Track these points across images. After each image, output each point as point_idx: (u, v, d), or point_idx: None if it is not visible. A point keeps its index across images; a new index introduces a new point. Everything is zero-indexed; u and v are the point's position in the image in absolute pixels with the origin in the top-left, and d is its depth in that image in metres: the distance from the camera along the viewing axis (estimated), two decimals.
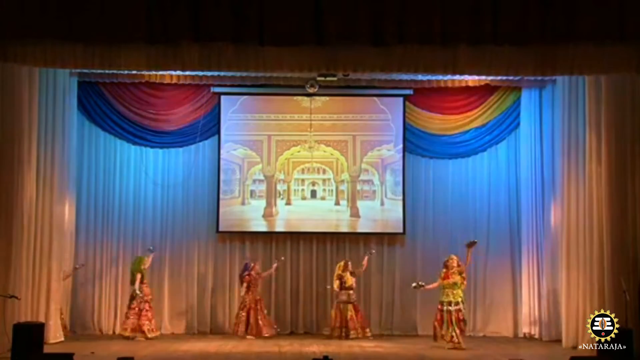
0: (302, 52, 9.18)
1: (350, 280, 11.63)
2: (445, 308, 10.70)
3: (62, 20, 8.73)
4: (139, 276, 11.50)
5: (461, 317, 10.69)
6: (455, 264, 10.77)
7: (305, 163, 12.69)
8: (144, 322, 11.40)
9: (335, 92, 12.40)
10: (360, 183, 12.68)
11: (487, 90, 12.46)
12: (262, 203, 12.64)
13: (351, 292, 11.64)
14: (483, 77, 11.51)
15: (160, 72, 11.55)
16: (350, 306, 11.58)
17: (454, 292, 10.72)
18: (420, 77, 11.57)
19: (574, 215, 11.00)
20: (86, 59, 9.27)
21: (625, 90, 10.07)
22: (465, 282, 10.92)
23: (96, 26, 8.76)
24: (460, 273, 10.78)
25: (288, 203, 12.66)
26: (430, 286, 11.04)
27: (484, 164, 12.67)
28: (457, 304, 10.69)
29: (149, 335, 11.36)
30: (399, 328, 12.30)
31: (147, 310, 11.49)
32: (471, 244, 11.05)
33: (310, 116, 12.56)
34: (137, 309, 11.43)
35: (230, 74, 11.22)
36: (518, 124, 12.50)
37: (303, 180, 12.72)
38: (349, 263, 11.79)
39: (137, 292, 11.40)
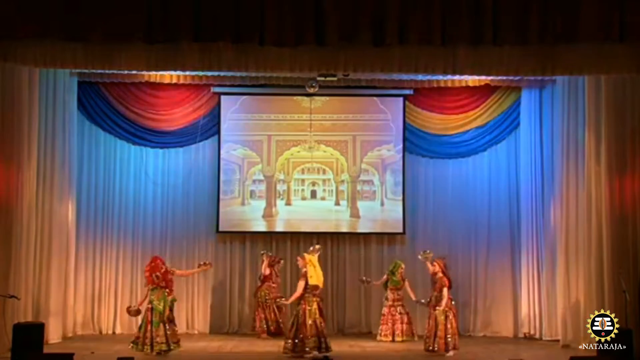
0: (302, 52, 9.18)
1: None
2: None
3: (62, 20, 8.71)
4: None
5: None
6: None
7: (305, 163, 12.69)
8: (398, 327, 11.32)
9: (335, 92, 12.39)
10: (360, 183, 12.68)
11: (487, 90, 12.47)
12: (262, 203, 12.63)
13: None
14: (483, 77, 11.50)
15: (160, 72, 11.55)
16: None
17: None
18: (420, 77, 11.56)
19: (574, 215, 11.01)
20: (86, 59, 9.29)
21: (625, 90, 10.08)
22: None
23: (96, 26, 8.73)
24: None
25: (288, 203, 12.66)
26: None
27: (484, 164, 12.67)
28: None
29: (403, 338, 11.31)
30: None
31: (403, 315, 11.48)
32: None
33: (310, 116, 12.56)
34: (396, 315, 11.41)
35: (230, 74, 11.19)
36: (518, 124, 12.50)
37: (303, 180, 12.72)
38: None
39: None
